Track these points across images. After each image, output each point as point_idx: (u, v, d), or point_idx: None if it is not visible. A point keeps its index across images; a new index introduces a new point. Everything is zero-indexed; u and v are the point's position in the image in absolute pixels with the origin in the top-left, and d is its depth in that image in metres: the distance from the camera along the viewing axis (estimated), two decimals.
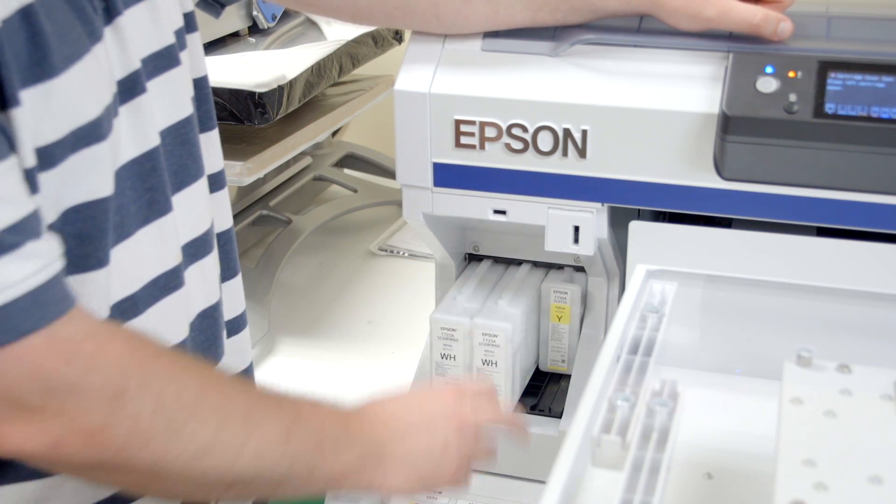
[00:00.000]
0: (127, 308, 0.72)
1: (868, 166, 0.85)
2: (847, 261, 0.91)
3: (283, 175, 1.73)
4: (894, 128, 0.84)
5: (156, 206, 0.73)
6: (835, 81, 0.86)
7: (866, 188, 0.87)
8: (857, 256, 0.91)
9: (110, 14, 0.69)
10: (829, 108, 0.85)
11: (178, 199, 0.77)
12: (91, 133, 0.66)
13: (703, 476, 0.73)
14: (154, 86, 0.74)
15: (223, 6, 1.01)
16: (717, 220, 0.96)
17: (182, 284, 0.77)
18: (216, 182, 0.87)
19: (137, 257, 0.72)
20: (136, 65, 0.72)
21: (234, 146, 1.39)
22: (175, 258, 0.76)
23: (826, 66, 0.87)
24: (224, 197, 0.89)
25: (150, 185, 0.73)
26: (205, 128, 0.85)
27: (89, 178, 0.67)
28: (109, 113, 0.68)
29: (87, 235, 0.67)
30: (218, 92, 1.31)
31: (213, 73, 0.87)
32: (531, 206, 0.97)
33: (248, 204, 1.62)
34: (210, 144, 0.86)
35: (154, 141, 0.73)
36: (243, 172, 1.38)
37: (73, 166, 0.65)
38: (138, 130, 0.72)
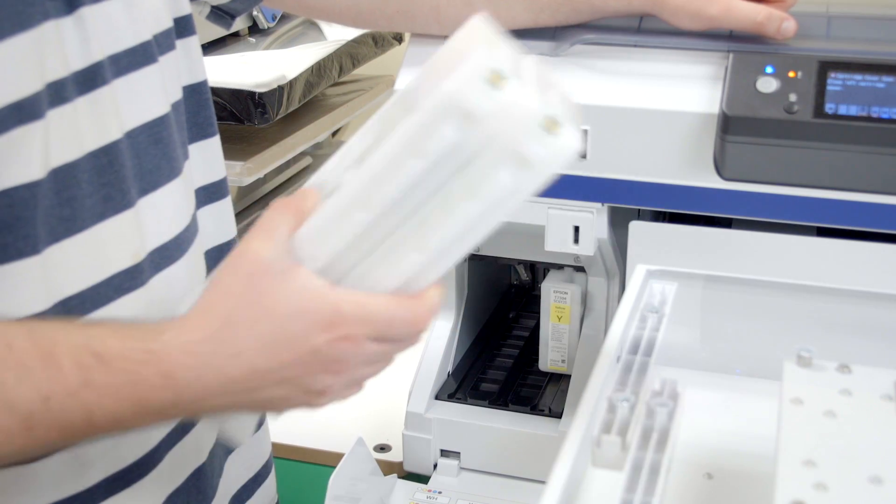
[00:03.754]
0: (74, 306, 0.69)
1: (868, 166, 0.85)
2: (847, 261, 0.91)
3: (283, 175, 1.73)
4: (894, 128, 0.84)
5: (111, 203, 0.71)
6: (835, 81, 0.86)
7: (866, 188, 0.87)
8: (857, 256, 0.91)
9: (72, 4, 0.68)
10: (829, 108, 0.85)
11: (147, 201, 0.74)
12: (13, 115, 0.64)
13: (703, 476, 0.73)
14: (124, 83, 0.73)
15: (233, 17, 1.00)
16: (717, 220, 0.96)
17: (139, 287, 0.74)
18: (217, 191, 0.86)
19: (90, 254, 0.70)
20: (98, 58, 0.70)
21: (234, 146, 1.39)
22: (132, 258, 0.73)
23: (826, 66, 0.87)
24: (227, 206, 0.87)
25: (106, 180, 0.71)
26: (204, 134, 0.84)
27: (9, 163, 0.64)
28: (40, 97, 0.65)
29: (5, 224, 0.65)
30: (218, 92, 1.31)
31: (213, 73, 0.87)
32: (531, 206, 0.97)
33: (249, 204, 1.62)
34: (210, 152, 0.85)
35: (113, 136, 0.71)
36: (243, 172, 1.39)
37: None
38: (96, 124, 0.70)
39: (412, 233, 0.61)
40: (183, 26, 0.81)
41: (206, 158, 0.84)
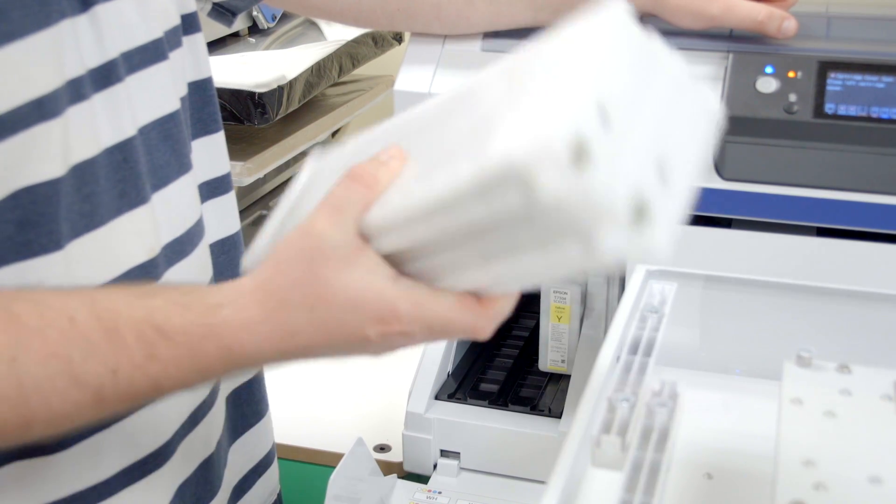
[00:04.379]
0: None
1: (868, 166, 0.85)
2: (847, 261, 0.91)
3: (283, 175, 1.73)
4: (894, 128, 0.84)
5: (126, 199, 0.72)
6: (835, 81, 0.86)
7: (866, 188, 0.87)
8: (857, 256, 0.91)
9: (86, 2, 0.69)
10: (829, 108, 0.85)
11: (160, 196, 0.75)
12: (34, 112, 0.64)
13: (703, 476, 0.73)
14: (137, 79, 0.73)
15: (234, 14, 1.01)
16: (717, 220, 0.96)
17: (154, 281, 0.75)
18: (221, 186, 0.87)
19: (108, 249, 0.71)
20: (113, 55, 0.71)
21: (234, 146, 1.39)
22: (148, 252, 0.74)
23: (826, 67, 0.87)
24: (230, 201, 0.88)
25: (121, 176, 0.71)
26: (209, 130, 0.85)
27: (31, 160, 0.65)
28: (60, 94, 0.66)
29: (29, 221, 0.65)
30: (218, 92, 1.31)
31: (213, 74, 0.87)
32: None
33: (248, 204, 1.62)
34: (214, 147, 0.85)
35: (128, 132, 0.72)
36: (243, 172, 1.39)
37: (10, 148, 0.64)
38: (112, 121, 0.71)
39: (477, 254, 0.57)
40: (189, 23, 0.82)
41: (211, 154, 0.85)
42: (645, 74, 0.55)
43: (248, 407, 0.91)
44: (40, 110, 0.65)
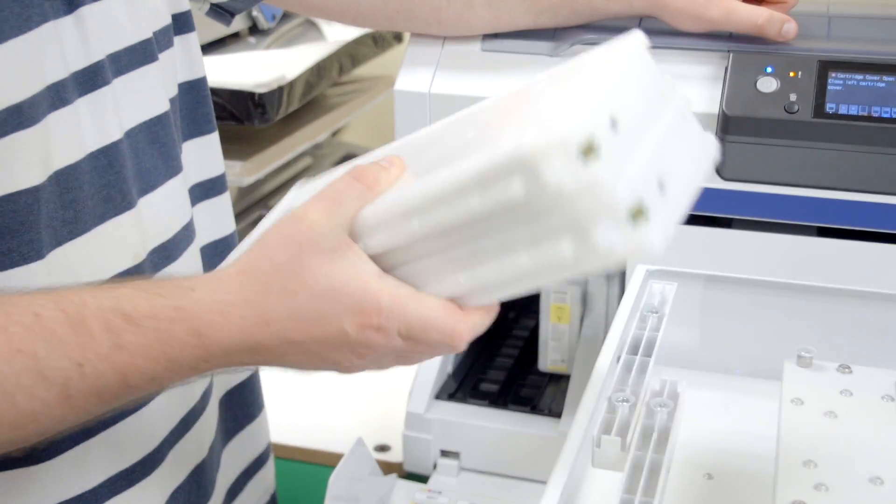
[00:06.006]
0: None
1: (868, 166, 0.85)
2: (847, 261, 0.91)
3: (283, 175, 1.73)
4: (894, 128, 0.84)
5: (111, 204, 0.71)
6: (835, 81, 0.86)
7: (866, 188, 0.87)
8: (857, 256, 0.90)
9: (72, 3, 0.67)
10: (830, 107, 0.85)
11: (146, 200, 0.74)
12: (11, 119, 0.63)
13: (703, 476, 0.73)
14: (124, 82, 0.72)
15: (233, 14, 1.00)
16: (717, 220, 0.96)
17: None
18: (215, 187, 0.86)
19: (92, 256, 0.70)
20: (99, 57, 0.70)
21: (234, 146, 1.40)
22: (133, 259, 0.73)
23: (826, 66, 0.87)
24: (225, 202, 0.87)
25: (106, 181, 0.70)
26: (203, 131, 0.84)
27: (9, 168, 0.63)
28: (39, 100, 0.65)
29: (8, 230, 0.64)
30: (218, 92, 1.31)
31: (213, 73, 0.87)
32: None
33: (248, 204, 1.62)
34: (208, 148, 0.84)
35: (113, 136, 0.71)
36: (243, 172, 1.39)
37: None
38: (97, 124, 0.69)
39: (465, 254, 0.57)
40: (182, 23, 0.80)
41: (204, 155, 0.84)
42: (654, 101, 0.56)
43: (239, 409, 0.91)
44: (19, 117, 0.63)
